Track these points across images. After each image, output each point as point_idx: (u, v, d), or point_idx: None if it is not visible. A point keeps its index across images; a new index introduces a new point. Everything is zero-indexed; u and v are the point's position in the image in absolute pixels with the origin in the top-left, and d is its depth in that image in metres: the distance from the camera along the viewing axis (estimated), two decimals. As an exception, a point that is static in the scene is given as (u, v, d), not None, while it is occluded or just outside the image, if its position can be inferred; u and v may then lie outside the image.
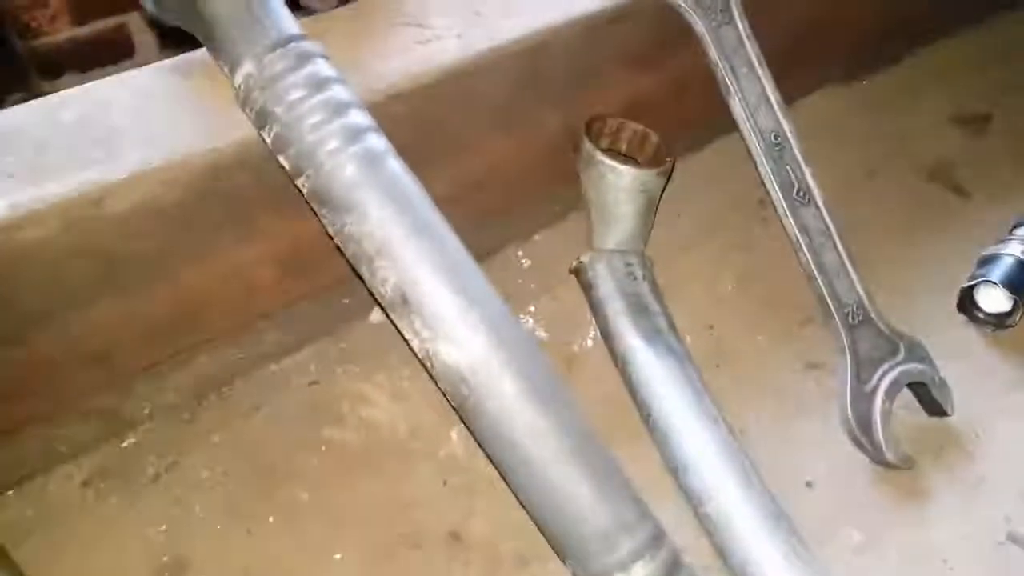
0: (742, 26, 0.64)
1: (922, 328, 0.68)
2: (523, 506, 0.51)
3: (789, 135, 0.65)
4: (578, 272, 0.67)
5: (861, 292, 0.65)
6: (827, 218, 0.65)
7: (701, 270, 0.72)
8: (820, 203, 0.65)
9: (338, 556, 0.56)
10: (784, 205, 0.64)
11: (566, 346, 0.67)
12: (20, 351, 0.52)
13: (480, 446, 0.50)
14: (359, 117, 0.49)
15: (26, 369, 0.53)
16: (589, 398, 0.64)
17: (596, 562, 0.49)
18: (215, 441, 0.60)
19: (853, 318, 0.65)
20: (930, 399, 0.65)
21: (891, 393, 0.64)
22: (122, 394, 0.59)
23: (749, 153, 0.67)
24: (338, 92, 0.49)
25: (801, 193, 0.65)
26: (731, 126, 0.78)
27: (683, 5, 0.63)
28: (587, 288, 0.67)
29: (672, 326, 0.64)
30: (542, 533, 0.51)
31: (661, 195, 0.68)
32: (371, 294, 0.50)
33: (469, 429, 0.50)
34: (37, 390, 0.55)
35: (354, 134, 0.48)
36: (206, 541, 0.56)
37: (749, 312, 0.71)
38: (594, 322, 0.67)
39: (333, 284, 0.64)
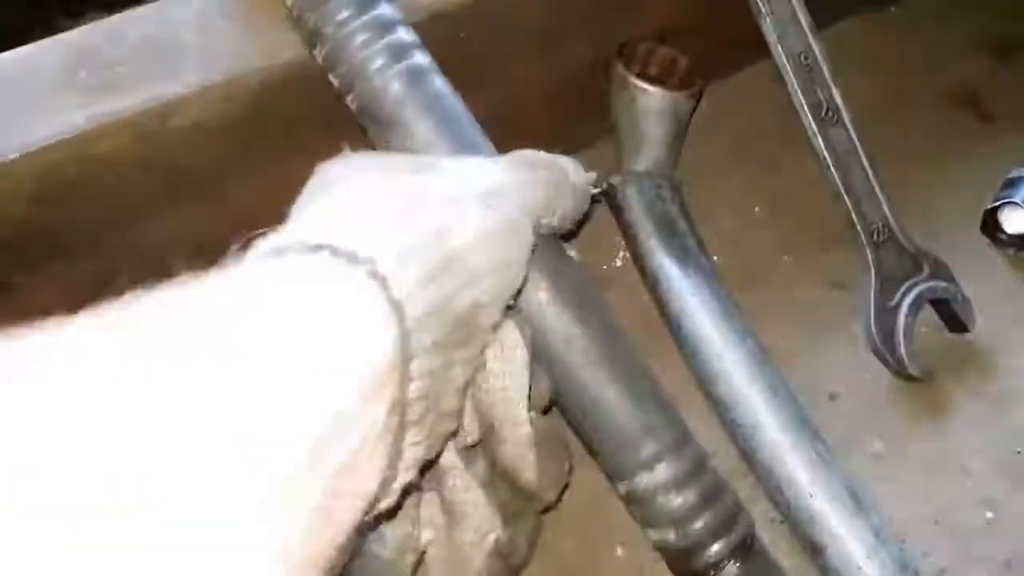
0: (772, -56, 0.65)
1: (946, 248, 0.70)
2: (558, 408, 0.53)
3: (818, 55, 0.66)
4: (607, 194, 0.69)
5: (887, 210, 0.67)
6: (854, 137, 0.67)
7: (730, 194, 0.74)
8: (848, 122, 0.66)
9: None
10: (813, 125, 0.65)
11: (596, 267, 0.70)
12: (87, 262, 0.55)
13: None
14: (404, 34, 0.51)
15: (93, 279, 0.57)
16: (620, 316, 0.66)
17: (622, 460, 0.52)
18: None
19: (878, 236, 0.66)
20: (952, 316, 0.67)
21: (914, 309, 0.66)
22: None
23: (779, 75, 0.69)
24: (384, 10, 0.50)
25: (829, 113, 0.66)
26: (762, 53, 0.79)
27: (713, -74, 0.64)
28: (617, 210, 0.69)
29: (702, 246, 0.66)
30: (572, 431, 0.54)
31: (690, 118, 0.70)
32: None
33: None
34: (103, 297, 0.58)
35: (399, 51, 0.50)
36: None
37: (777, 234, 0.73)
38: (623, 243, 0.70)
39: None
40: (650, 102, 0.67)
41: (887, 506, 0.59)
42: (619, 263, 0.70)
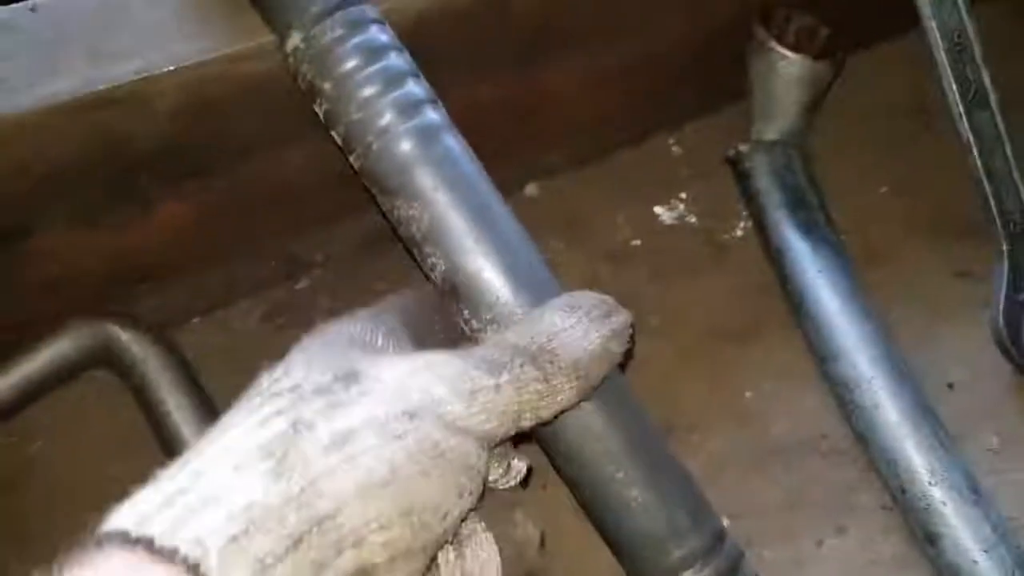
0: (936, -85, 0.62)
1: (1082, 246, 0.67)
2: (574, 496, 0.47)
3: (972, 35, 0.63)
4: (735, 161, 0.68)
5: (1027, 201, 0.64)
6: (1000, 122, 0.64)
7: (858, 171, 0.72)
8: (996, 107, 0.63)
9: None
10: (960, 105, 0.63)
11: (716, 233, 0.68)
12: (221, 182, 0.55)
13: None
14: (414, 88, 0.44)
15: (220, 201, 0.57)
16: (738, 285, 0.66)
17: (645, 566, 0.45)
18: (380, 289, 0.64)
19: (1015, 227, 0.64)
20: (1083, 316, 0.65)
21: (1045, 305, 0.64)
22: (300, 239, 0.63)
23: (919, 56, 0.65)
24: (392, 62, 0.44)
25: (977, 95, 0.63)
26: (894, 30, 0.76)
27: None
28: (743, 177, 0.67)
29: (830, 220, 0.65)
30: (595, 528, 0.47)
31: (828, 89, 0.67)
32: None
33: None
34: (229, 224, 0.59)
35: (407, 108, 0.43)
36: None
37: (903, 216, 0.70)
38: (746, 213, 0.68)
39: (495, 153, 0.66)
40: (791, 68, 0.64)
41: (1000, 502, 0.57)
42: (740, 232, 0.68)
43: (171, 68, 0.47)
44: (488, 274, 0.43)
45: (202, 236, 0.58)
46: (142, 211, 0.54)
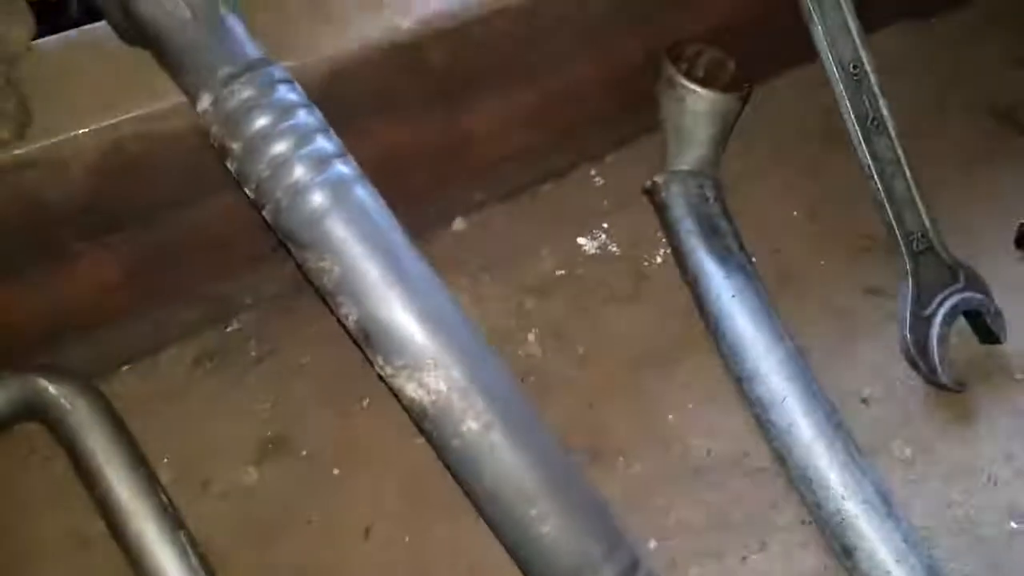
0: (828, -45, 0.65)
1: (980, 260, 0.71)
2: (496, 537, 0.48)
3: (867, 66, 0.67)
4: (652, 192, 0.70)
5: (926, 221, 0.67)
6: (899, 148, 0.67)
7: (770, 195, 0.75)
8: (893, 133, 0.67)
9: (419, 441, 0.60)
10: (859, 133, 0.66)
11: (638, 262, 0.71)
12: (146, 233, 0.56)
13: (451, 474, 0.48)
14: (324, 144, 0.46)
15: (145, 252, 0.58)
16: (659, 311, 0.68)
17: None
18: (311, 332, 0.65)
19: (918, 245, 0.67)
20: (985, 328, 0.68)
21: (949, 319, 0.67)
22: (228, 282, 0.64)
23: (827, 81, 0.69)
24: (300, 119, 0.45)
25: (875, 123, 0.67)
26: (802, 58, 0.80)
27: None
28: (660, 207, 0.70)
29: (742, 246, 0.67)
30: (517, 565, 0.49)
31: (736, 120, 0.70)
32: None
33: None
34: (154, 274, 0.60)
35: (317, 164, 0.45)
36: (305, 420, 0.61)
37: (814, 238, 0.73)
38: (665, 240, 0.71)
39: (420, 192, 0.68)
40: (698, 102, 0.67)
41: (914, 512, 0.60)
42: (659, 260, 0.71)
43: (85, 130, 0.48)
44: (400, 320, 0.44)
45: (128, 286, 0.59)
46: (65, 266, 0.54)
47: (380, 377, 0.47)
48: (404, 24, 0.55)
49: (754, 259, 0.69)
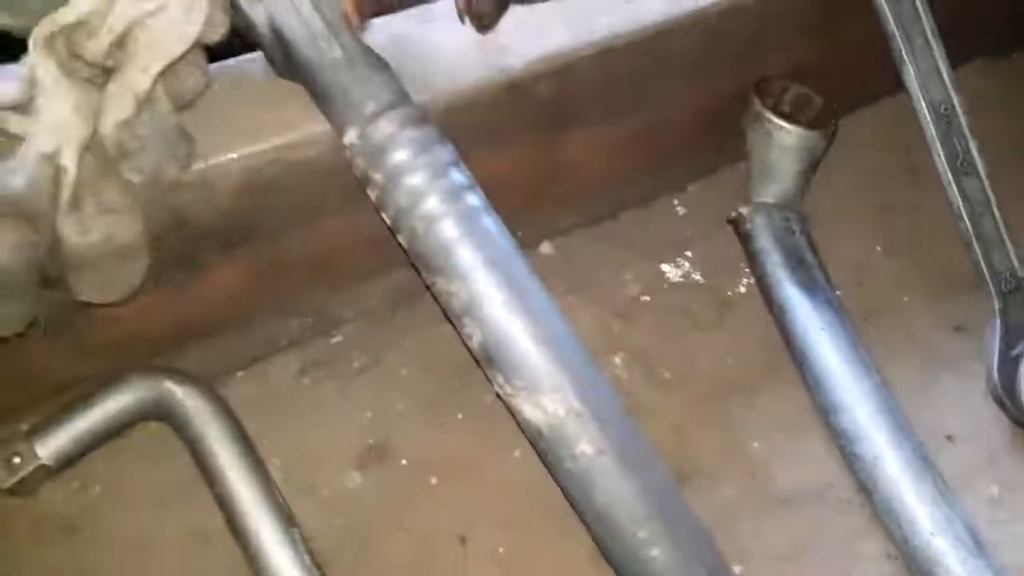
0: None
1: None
2: (600, 552, 0.51)
3: (958, 107, 0.68)
4: (736, 222, 0.72)
5: (1015, 261, 0.68)
6: (988, 188, 0.68)
7: (853, 229, 0.77)
8: (983, 173, 0.68)
9: (517, 453, 0.63)
10: (948, 174, 0.67)
11: (721, 290, 0.73)
12: (268, 249, 0.61)
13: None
14: (456, 176, 0.49)
15: (265, 266, 0.62)
16: (743, 340, 0.70)
17: None
18: (409, 344, 0.68)
19: (1006, 285, 0.68)
20: (1073, 369, 0.68)
21: (1036, 359, 0.67)
22: (333, 297, 0.68)
23: (908, 117, 0.70)
24: (436, 154, 0.49)
25: (965, 163, 0.68)
26: (886, 92, 0.81)
27: (867, -23, 0.66)
28: (745, 238, 0.72)
29: (828, 279, 0.69)
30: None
31: (823, 156, 0.72)
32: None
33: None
34: (271, 286, 0.64)
35: (449, 195, 0.48)
36: (405, 430, 0.64)
37: (897, 273, 0.75)
38: (748, 270, 0.73)
39: (512, 215, 0.71)
40: (786, 138, 0.69)
41: (1001, 552, 0.60)
42: (743, 289, 0.73)
43: (233, 155, 0.52)
44: (523, 345, 0.48)
45: (246, 296, 0.63)
46: (197, 276, 0.59)
47: (498, 396, 0.50)
48: (517, 65, 0.58)
49: (838, 291, 0.71)
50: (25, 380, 0.60)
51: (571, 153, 0.70)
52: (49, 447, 0.58)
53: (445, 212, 0.48)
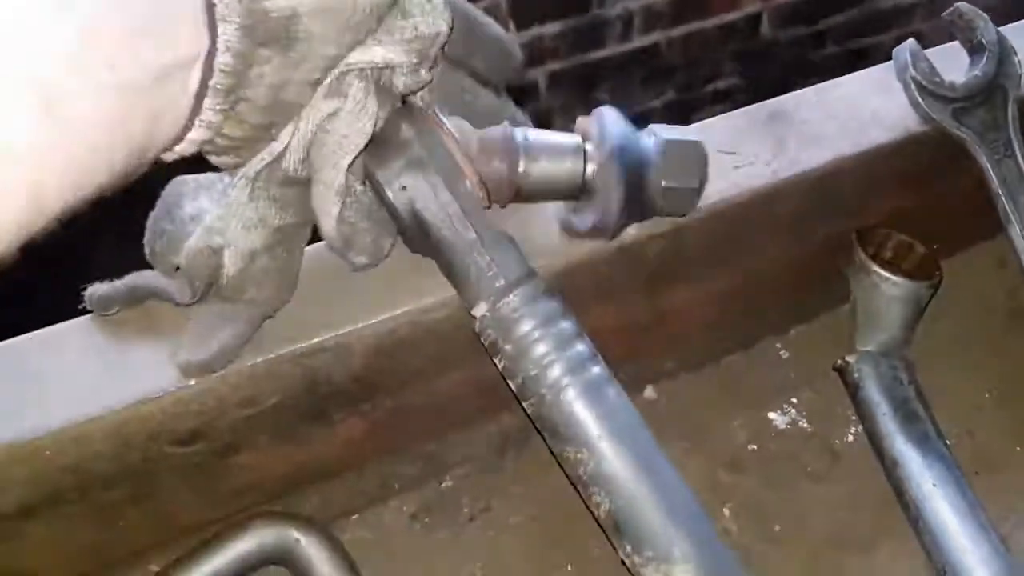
0: (1023, 159, 0.69)
1: None
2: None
3: (1059, 249, 0.69)
4: (843, 371, 0.73)
5: None
6: (1101, 340, 0.68)
7: (959, 376, 0.76)
8: (1095, 327, 0.68)
9: (627, 609, 0.63)
10: (1059, 327, 0.67)
11: (828, 439, 0.73)
12: (389, 401, 0.64)
13: None
14: (580, 348, 0.52)
15: (386, 416, 0.65)
16: (854, 492, 0.70)
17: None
18: (518, 492, 0.70)
19: None
20: None
21: None
22: (444, 442, 0.70)
23: (1008, 260, 0.71)
24: (562, 326, 0.52)
25: (1075, 317, 0.68)
26: (984, 234, 0.82)
27: (967, 139, 0.68)
28: (851, 387, 0.72)
29: (939, 432, 0.68)
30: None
31: (927, 305, 0.73)
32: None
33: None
34: (389, 433, 0.67)
35: (575, 367, 0.51)
36: (515, 580, 0.65)
37: (1008, 421, 0.73)
38: (855, 418, 0.73)
39: (617, 361, 0.73)
40: (892, 289, 0.70)
41: None
42: (851, 439, 0.72)
43: (372, 320, 0.56)
44: (650, 516, 0.49)
45: (365, 444, 0.66)
46: (326, 429, 0.62)
47: (624, 563, 0.51)
48: (630, 229, 0.61)
49: (949, 441, 0.70)
50: (156, 525, 0.63)
51: (676, 302, 0.72)
52: (180, 590, 0.62)
53: (571, 382, 0.51)
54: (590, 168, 0.55)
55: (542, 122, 0.67)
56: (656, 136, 0.57)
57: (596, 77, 2.21)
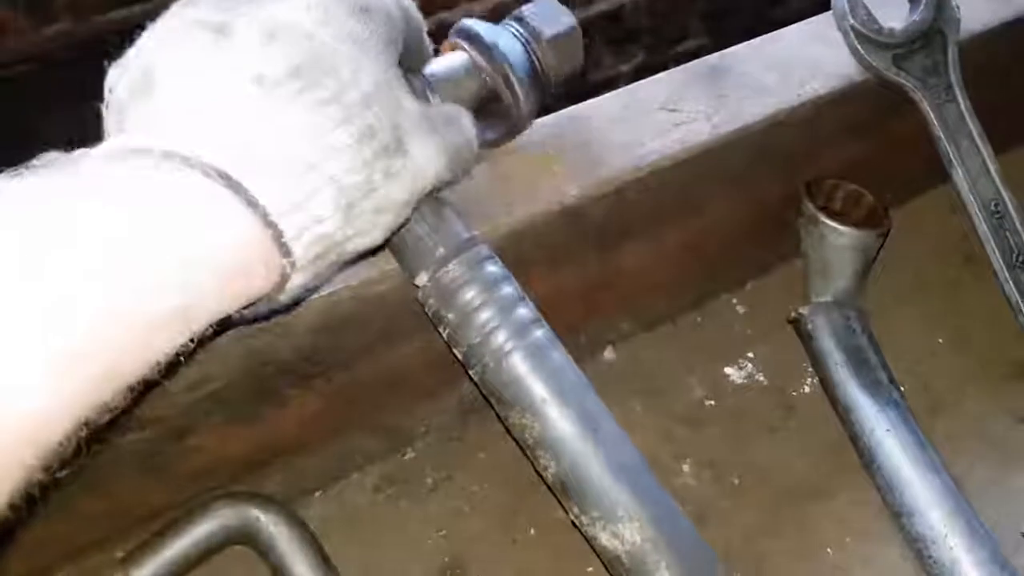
0: (964, 103, 0.69)
1: None
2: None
3: (1008, 203, 0.69)
4: (796, 323, 0.73)
5: (1082, 354, 0.68)
6: (1047, 282, 0.69)
7: (911, 324, 0.77)
8: (1040, 267, 0.69)
9: (590, 569, 0.64)
10: (1004, 270, 0.68)
11: (785, 391, 0.73)
12: (342, 377, 0.64)
13: None
14: (523, 312, 0.52)
15: (340, 391, 0.65)
16: (811, 442, 0.70)
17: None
18: (481, 458, 0.70)
19: (1073, 378, 0.68)
20: None
21: (1112, 452, 0.66)
22: (406, 413, 0.71)
23: (956, 204, 0.72)
24: (503, 291, 0.52)
25: (1020, 258, 0.69)
26: (933, 181, 0.82)
27: (907, 85, 0.68)
28: (806, 338, 0.73)
29: (892, 379, 0.69)
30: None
31: (878, 254, 0.73)
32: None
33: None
34: (345, 410, 0.67)
35: (518, 331, 0.51)
36: (479, 546, 0.65)
37: (961, 366, 0.75)
38: (811, 369, 0.74)
39: (575, 323, 0.73)
40: (840, 239, 0.71)
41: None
42: (807, 389, 0.73)
43: (312, 298, 0.55)
44: (596, 475, 0.49)
45: (323, 420, 0.66)
46: (279, 406, 0.62)
47: (574, 524, 0.51)
48: (571, 191, 0.61)
49: (902, 388, 0.71)
50: (118, 512, 0.63)
51: (627, 261, 0.72)
52: (144, 574, 0.62)
53: (514, 347, 0.51)
54: (484, 78, 0.55)
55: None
56: (517, 15, 0.58)
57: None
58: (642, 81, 0.70)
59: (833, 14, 0.70)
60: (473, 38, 0.55)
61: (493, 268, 0.52)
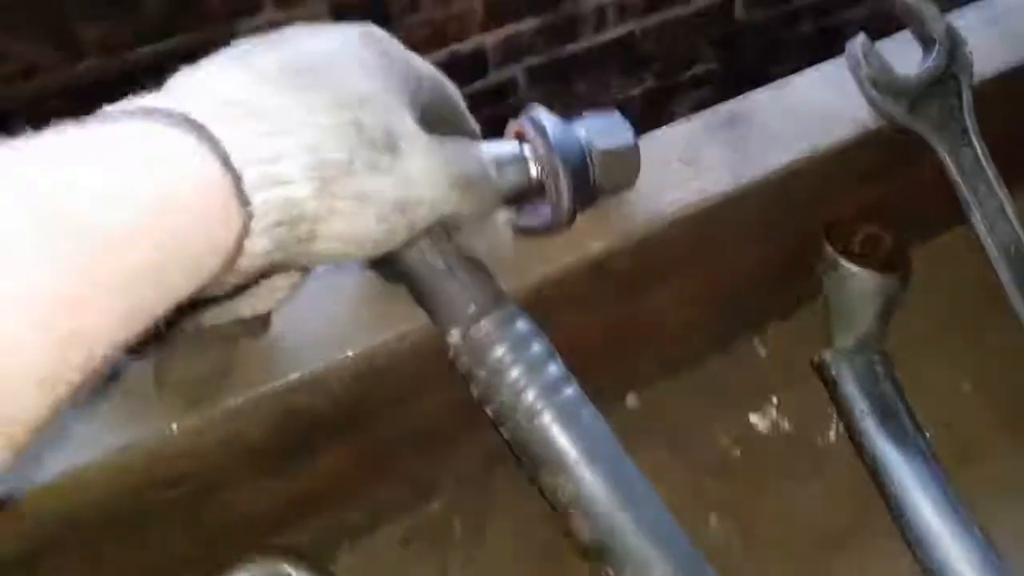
0: (979, 147, 0.70)
1: None
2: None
3: (1028, 245, 0.70)
4: (819, 368, 0.74)
5: (1110, 397, 0.68)
6: (1070, 323, 0.69)
7: (936, 366, 0.77)
8: (1064, 311, 0.69)
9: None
10: (1026, 313, 0.68)
11: (811, 439, 0.73)
12: (375, 430, 0.65)
13: None
14: (553, 370, 0.52)
15: (370, 443, 0.66)
16: (838, 491, 0.70)
17: None
18: (509, 511, 0.70)
19: (1103, 422, 0.67)
20: None
21: None
22: (431, 463, 0.71)
23: (978, 244, 0.72)
24: (534, 350, 0.52)
25: (1042, 301, 0.69)
26: (953, 221, 0.83)
27: (925, 131, 0.69)
28: (830, 384, 0.73)
29: (918, 427, 0.69)
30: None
31: (900, 297, 0.74)
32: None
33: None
34: (377, 460, 0.67)
35: (548, 390, 0.51)
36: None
37: (989, 411, 0.74)
38: (836, 415, 0.73)
39: (598, 369, 0.74)
40: (862, 284, 0.71)
41: None
42: (832, 437, 0.73)
43: (350, 354, 0.57)
44: (629, 537, 0.50)
45: (353, 472, 0.67)
46: (311, 461, 0.63)
47: None
48: (595, 246, 0.62)
49: (927, 434, 0.70)
50: (147, 567, 0.64)
51: (649, 307, 0.73)
52: (177, 631, 0.62)
53: (545, 406, 0.51)
54: (534, 170, 0.55)
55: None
56: (584, 119, 0.59)
57: (574, 70, 2.23)
58: (659, 130, 0.71)
59: (847, 63, 0.71)
60: (539, 130, 0.55)
61: (523, 325, 0.53)
